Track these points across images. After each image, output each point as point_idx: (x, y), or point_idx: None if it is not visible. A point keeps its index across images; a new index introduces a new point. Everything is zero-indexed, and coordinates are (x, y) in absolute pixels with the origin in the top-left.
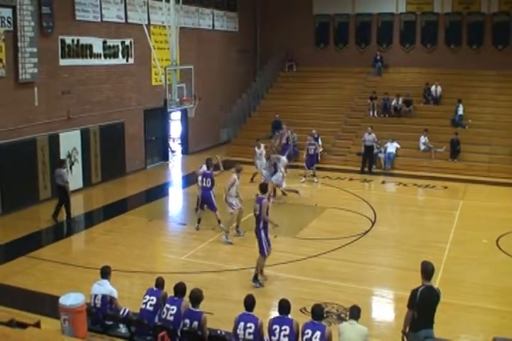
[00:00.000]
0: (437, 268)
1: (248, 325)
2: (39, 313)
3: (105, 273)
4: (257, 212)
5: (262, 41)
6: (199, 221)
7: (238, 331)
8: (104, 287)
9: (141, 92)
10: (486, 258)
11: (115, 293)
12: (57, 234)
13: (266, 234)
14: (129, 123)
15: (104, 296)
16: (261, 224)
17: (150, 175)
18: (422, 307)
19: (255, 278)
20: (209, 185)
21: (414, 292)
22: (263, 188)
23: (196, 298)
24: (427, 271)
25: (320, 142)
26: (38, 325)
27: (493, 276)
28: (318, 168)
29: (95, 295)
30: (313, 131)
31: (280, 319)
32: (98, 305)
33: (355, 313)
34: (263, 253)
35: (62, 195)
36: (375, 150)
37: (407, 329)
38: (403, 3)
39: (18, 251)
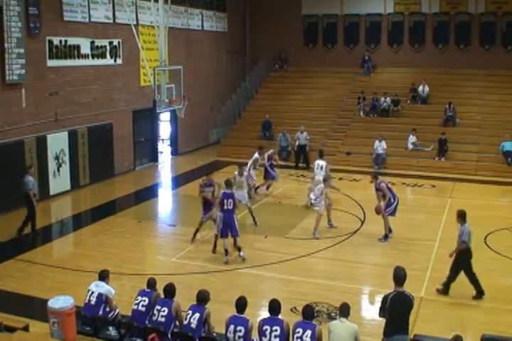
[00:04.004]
0: (426, 266)
1: (238, 328)
2: (28, 317)
3: (103, 276)
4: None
5: (251, 41)
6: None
7: (228, 334)
8: (101, 287)
9: (129, 93)
10: (474, 255)
11: (112, 292)
12: (46, 236)
13: None
14: (117, 125)
15: (100, 294)
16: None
17: (139, 176)
18: (392, 314)
19: None
20: (231, 207)
21: (384, 298)
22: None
23: (204, 298)
24: (399, 276)
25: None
26: (26, 328)
27: (481, 273)
28: (308, 168)
29: (92, 292)
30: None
31: (271, 320)
32: (92, 303)
33: (344, 311)
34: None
35: (28, 204)
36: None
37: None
38: (391, 3)
39: (6, 254)
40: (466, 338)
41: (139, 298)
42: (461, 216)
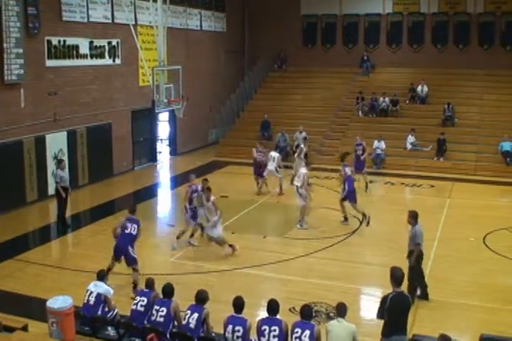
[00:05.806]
0: (425, 265)
1: (236, 328)
2: (27, 317)
3: (101, 276)
4: None
5: (250, 41)
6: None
7: (227, 334)
8: (100, 287)
9: (128, 93)
10: (473, 255)
11: (111, 292)
12: (44, 236)
13: None
14: (116, 125)
15: (98, 294)
16: None
17: (138, 176)
18: (391, 314)
19: None
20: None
21: (383, 299)
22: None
23: (203, 298)
24: (397, 276)
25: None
26: (25, 328)
27: (480, 273)
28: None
29: (90, 292)
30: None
31: (269, 320)
32: (91, 303)
33: (341, 311)
34: None
35: (56, 197)
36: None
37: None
38: (390, 3)
39: (5, 254)
40: (465, 338)
41: (138, 297)
42: (414, 217)
